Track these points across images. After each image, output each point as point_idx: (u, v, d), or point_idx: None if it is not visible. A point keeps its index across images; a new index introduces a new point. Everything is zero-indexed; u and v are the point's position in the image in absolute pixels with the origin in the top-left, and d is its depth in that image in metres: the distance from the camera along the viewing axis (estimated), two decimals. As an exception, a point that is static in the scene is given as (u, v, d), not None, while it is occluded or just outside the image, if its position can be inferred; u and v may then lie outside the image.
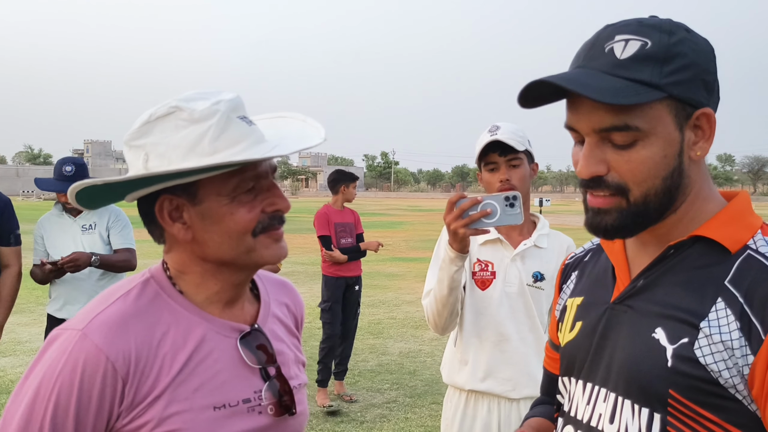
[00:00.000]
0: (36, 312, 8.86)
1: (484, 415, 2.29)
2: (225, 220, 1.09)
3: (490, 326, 2.28)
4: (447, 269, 2.08)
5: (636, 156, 0.96)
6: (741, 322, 0.92)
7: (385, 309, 9.53)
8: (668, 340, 0.97)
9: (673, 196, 1.00)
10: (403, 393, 5.78)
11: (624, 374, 1.02)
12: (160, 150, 1.06)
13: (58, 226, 3.95)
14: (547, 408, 1.33)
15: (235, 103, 1.09)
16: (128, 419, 1.04)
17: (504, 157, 2.24)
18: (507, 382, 2.26)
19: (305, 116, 1.21)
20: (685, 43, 0.97)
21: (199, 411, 1.07)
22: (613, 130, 0.96)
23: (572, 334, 1.15)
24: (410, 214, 39.83)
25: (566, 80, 0.94)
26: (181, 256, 1.15)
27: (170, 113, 1.07)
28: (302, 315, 1.39)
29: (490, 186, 2.27)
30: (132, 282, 1.15)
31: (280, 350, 1.22)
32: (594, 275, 1.18)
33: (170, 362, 1.08)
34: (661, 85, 0.94)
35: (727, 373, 0.92)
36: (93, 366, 1.02)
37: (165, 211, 1.11)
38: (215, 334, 1.14)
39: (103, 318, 1.06)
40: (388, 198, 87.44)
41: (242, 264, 1.14)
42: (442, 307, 2.17)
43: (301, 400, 1.23)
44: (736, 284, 0.95)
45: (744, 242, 0.99)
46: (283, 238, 1.17)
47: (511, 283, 2.29)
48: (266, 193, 1.13)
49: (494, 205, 1.73)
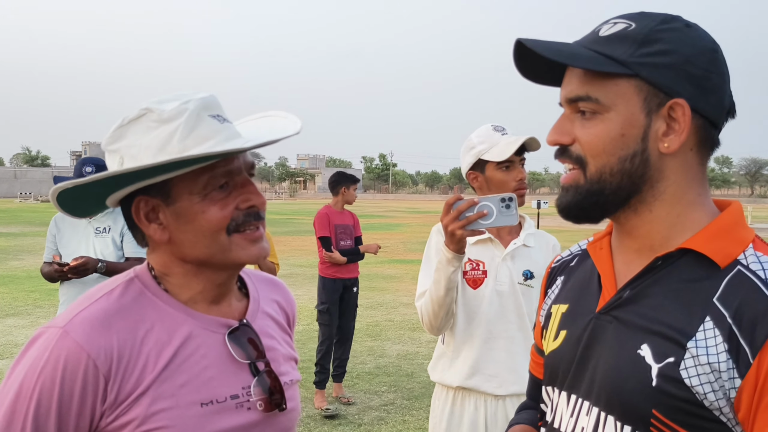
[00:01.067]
0: (33, 314, 8.85)
1: (471, 412, 2.32)
2: (197, 218, 1.09)
3: (481, 324, 2.31)
4: (444, 270, 2.09)
5: (594, 128, 0.97)
6: (729, 344, 0.89)
7: (383, 311, 9.52)
8: (654, 358, 0.94)
9: (636, 185, 0.98)
10: (401, 395, 5.78)
11: (607, 389, 0.99)
12: (133, 152, 1.07)
13: (72, 226, 3.91)
14: (531, 414, 1.31)
15: (206, 101, 1.10)
16: (112, 417, 1.04)
17: (519, 156, 2.30)
18: (493, 379, 2.29)
19: (287, 113, 1.21)
20: (672, 32, 0.95)
21: (186, 407, 1.07)
22: (578, 100, 0.98)
23: (556, 343, 1.13)
24: (408, 216, 39.82)
25: (531, 42, 0.97)
26: (162, 257, 1.15)
27: (141, 115, 1.08)
28: (294, 312, 1.38)
29: (505, 185, 2.30)
30: (116, 281, 1.15)
31: (270, 346, 1.22)
32: (579, 282, 1.16)
33: (155, 359, 1.07)
34: (629, 63, 0.94)
35: (712, 395, 0.89)
36: (74, 363, 1.02)
37: (141, 212, 1.12)
38: (202, 330, 1.13)
39: (86, 315, 1.06)
40: (386, 200, 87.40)
41: (219, 263, 1.13)
42: (438, 308, 2.19)
43: (293, 396, 1.23)
44: (724, 302, 0.91)
45: (734, 257, 0.95)
46: (261, 239, 1.15)
47: (502, 281, 2.32)
48: (240, 189, 1.12)
49: (490, 207, 1.75)
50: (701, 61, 0.95)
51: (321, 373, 5.66)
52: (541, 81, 1.07)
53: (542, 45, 0.97)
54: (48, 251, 3.99)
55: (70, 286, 3.82)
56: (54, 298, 9.71)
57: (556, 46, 0.98)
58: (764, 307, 0.88)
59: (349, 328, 5.88)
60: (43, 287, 10.60)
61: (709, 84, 0.96)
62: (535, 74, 1.06)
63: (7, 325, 8.22)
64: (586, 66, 0.95)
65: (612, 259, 1.08)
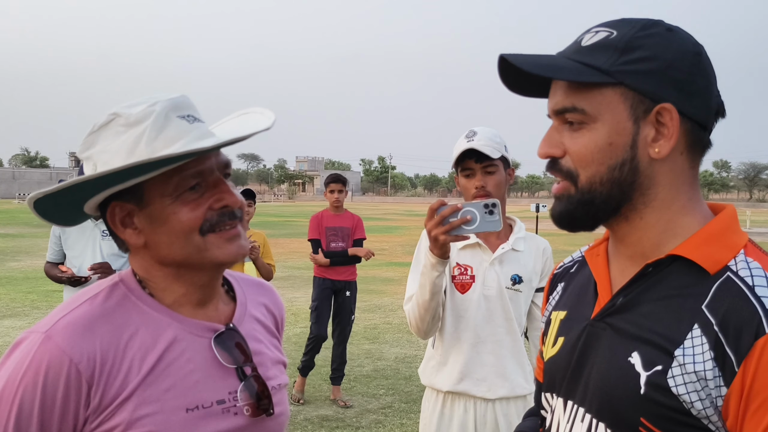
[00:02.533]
0: (31, 315, 8.83)
1: (461, 415, 2.34)
2: (170, 220, 1.09)
3: (469, 329, 2.32)
4: (428, 275, 2.10)
5: (581, 139, 0.97)
6: (715, 352, 0.88)
7: (381, 314, 9.52)
8: (643, 366, 0.94)
9: (626, 193, 0.98)
10: (399, 398, 5.77)
11: (598, 396, 1.00)
12: (104, 158, 1.07)
13: (78, 228, 3.87)
14: (534, 421, 1.31)
15: (175, 102, 1.09)
16: (97, 422, 1.03)
17: (480, 164, 2.28)
18: (482, 383, 2.31)
19: (264, 109, 1.20)
20: (653, 38, 0.95)
21: (171, 413, 1.06)
22: (564, 111, 0.98)
23: (554, 350, 1.13)
24: (406, 218, 39.82)
25: (513, 56, 0.97)
26: (142, 262, 1.15)
27: (110, 121, 1.08)
28: (282, 316, 1.37)
29: (466, 191, 2.32)
30: (100, 285, 1.14)
31: (257, 350, 1.21)
32: (578, 288, 1.16)
33: (139, 364, 1.06)
34: (611, 72, 0.94)
35: (699, 404, 0.89)
36: (56, 368, 1.01)
37: (116, 217, 1.12)
38: (187, 335, 1.12)
39: (68, 320, 1.06)
40: (384, 203, 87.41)
41: (197, 264, 1.12)
42: (424, 311, 2.20)
43: (281, 400, 1.21)
44: (712, 310, 0.90)
45: (724, 263, 0.94)
46: (238, 237, 1.14)
47: (489, 286, 2.33)
48: (213, 189, 1.11)
49: (474, 213, 1.76)
50: (684, 64, 0.95)
51: (306, 362, 5.69)
52: (529, 94, 1.07)
53: (524, 59, 0.97)
54: (51, 251, 3.98)
55: (75, 288, 3.81)
56: (52, 299, 9.69)
57: (538, 60, 0.98)
58: (749, 314, 0.87)
59: (345, 332, 5.83)
60: (40, 288, 10.59)
61: (693, 87, 0.95)
62: (522, 87, 1.06)
63: (4, 327, 8.21)
64: (569, 77, 0.96)
65: (608, 266, 1.08)
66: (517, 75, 1.00)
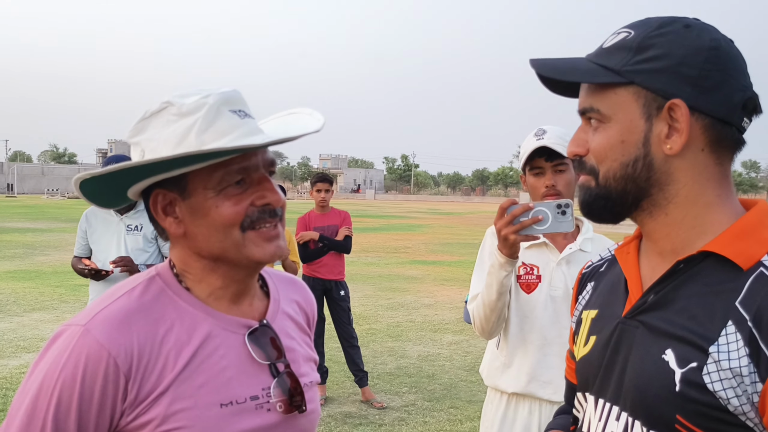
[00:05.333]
0: (59, 309, 8.98)
1: (525, 417, 2.29)
2: (211, 213, 1.09)
3: (534, 330, 2.27)
4: (496, 274, 2.07)
5: (598, 137, 1.01)
6: (750, 348, 0.88)
7: (404, 312, 9.51)
8: (677, 363, 0.94)
9: (642, 188, 0.99)
10: (422, 396, 5.76)
11: (632, 394, 1.00)
12: (152, 145, 1.08)
13: (104, 223, 3.94)
14: (565, 419, 1.31)
15: (227, 96, 1.09)
16: (132, 416, 1.04)
17: (550, 162, 2.23)
18: (548, 386, 2.26)
19: (313, 110, 1.20)
20: (666, 36, 0.96)
21: (205, 408, 1.06)
22: (586, 111, 1.03)
23: (586, 349, 1.13)
24: (430, 217, 39.75)
25: (535, 61, 1.02)
26: (181, 252, 1.15)
27: (162, 109, 1.09)
28: (314, 313, 1.37)
29: (535, 190, 2.27)
30: (138, 279, 1.15)
31: (290, 347, 1.21)
32: (608, 287, 1.16)
33: (174, 358, 1.07)
34: (623, 72, 0.97)
35: (736, 400, 0.89)
36: (95, 362, 1.02)
37: (159, 205, 1.12)
38: (222, 330, 1.13)
39: (106, 314, 1.06)
40: (407, 201, 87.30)
41: (234, 259, 1.12)
42: (490, 311, 2.17)
43: (312, 397, 1.22)
44: (746, 306, 0.90)
45: (757, 259, 0.93)
46: (278, 238, 1.13)
47: (556, 287, 2.28)
48: (256, 186, 1.11)
49: (546, 213, 1.72)
50: (697, 60, 0.95)
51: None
52: (568, 94, 1.10)
53: (543, 64, 1.01)
54: (78, 246, 4.03)
55: (101, 283, 3.87)
56: (79, 293, 9.85)
57: (558, 64, 1.03)
58: None
59: (348, 333, 5.68)
60: (68, 282, 10.76)
61: (708, 82, 0.95)
62: (559, 89, 1.10)
63: (33, 320, 8.35)
64: (581, 79, 1.01)
65: (638, 264, 1.09)
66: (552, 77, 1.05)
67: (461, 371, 6.50)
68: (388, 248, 18.74)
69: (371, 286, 11.71)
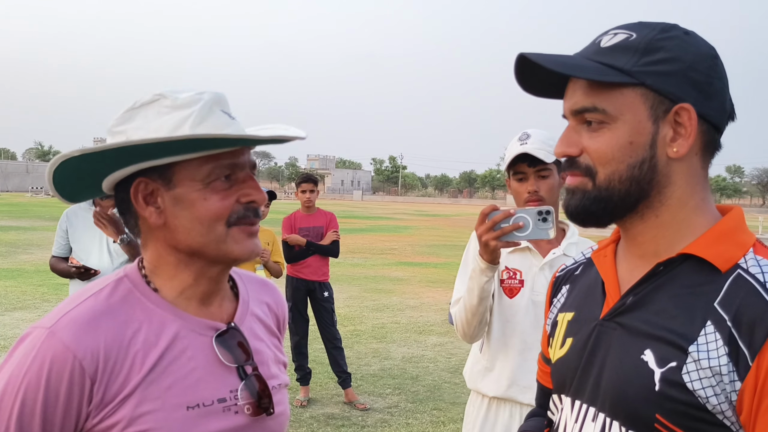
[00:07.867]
0: (41, 308, 8.89)
1: (506, 420, 2.31)
2: (196, 205, 1.09)
3: (516, 334, 2.28)
4: (477, 279, 2.08)
5: (602, 138, 0.99)
6: (729, 347, 0.90)
7: (389, 313, 9.51)
8: (657, 363, 0.95)
9: (644, 190, 0.99)
10: (405, 398, 5.76)
11: (611, 395, 1.00)
12: (140, 134, 1.07)
13: (85, 222, 3.85)
14: (539, 421, 1.32)
15: (218, 97, 1.11)
16: (98, 419, 1.03)
17: (533, 168, 2.22)
18: (528, 390, 2.26)
19: (288, 125, 1.20)
20: (672, 40, 0.97)
21: (172, 410, 1.06)
22: (584, 111, 1.00)
23: (563, 351, 1.14)
24: (416, 218, 39.79)
25: (535, 55, 0.98)
26: (155, 246, 1.14)
27: (155, 101, 1.09)
28: (284, 315, 1.37)
29: (518, 195, 2.27)
30: (105, 281, 1.14)
31: (258, 349, 1.21)
32: (584, 289, 1.17)
33: (141, 360, 1.06)
34: (633, 72, 0.96)
35: (715, 399, 0.90)
36: (60, 364, 1.01)
37: (140, 194, 1.11)
38: (189, 332, 1.12)
39: (73, 316, 1.06)
40: (395, 202, 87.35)
41: (211, 254, 1.12)
42: (471, 316, 2.18)
43: (281, 400, 1.21)
44: (725, 306, 0.92)
45: (735, 261, 0.96)
46: (256, 236, 1.15)
47: (538, 292, 2.27)
48: (242, 184, 1.12)
49: (527, 219, 1.72)
50: (703, 66, 0.97)
51: (298, 369, 5.59)
52: (544, 94, 1.08)
53: (546, 58, 0.98)
54: (58, 245, 3.98)
55: (81, 282, 3.82)
56: (61, 292, 9.75)
57: (561, 59, 0.99)
58: (762, 309, 0.89)
59: (332, 334, 5.67)
60: (51, 281, 10.65)
61: (711, 89, 0.98)
62: (536, 87, 1.08)
63: (15, 318, 8.27)
64: (593, 77, 0.97)
65: (616, 267, 1.09)
66: (533, 75, 1.02)
67: (445, 373, 6.51)
68: (375, 249, 18.74)
69: (357, 287, 11.70)
